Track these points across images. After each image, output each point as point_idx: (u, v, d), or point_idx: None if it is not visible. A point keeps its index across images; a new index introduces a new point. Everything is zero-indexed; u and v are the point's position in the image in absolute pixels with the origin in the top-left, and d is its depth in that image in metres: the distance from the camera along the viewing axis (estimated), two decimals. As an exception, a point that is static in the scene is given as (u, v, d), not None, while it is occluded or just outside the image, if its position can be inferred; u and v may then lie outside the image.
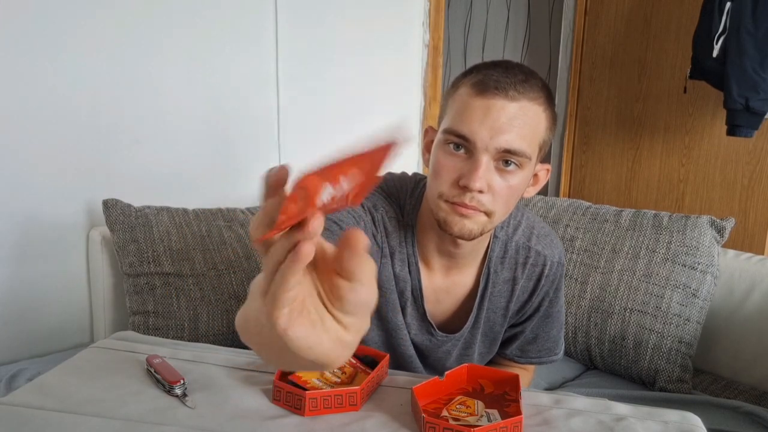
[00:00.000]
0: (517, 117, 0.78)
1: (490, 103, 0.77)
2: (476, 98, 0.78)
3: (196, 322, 1.45)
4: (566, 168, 2.81)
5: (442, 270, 0.94)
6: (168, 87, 1.65)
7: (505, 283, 0.96)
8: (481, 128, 0.77)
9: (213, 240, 1.53)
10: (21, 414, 0.76)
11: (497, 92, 0.77)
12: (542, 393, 0.87)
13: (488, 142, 0.78)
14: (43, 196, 1.48)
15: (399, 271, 0.92)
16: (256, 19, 1.80)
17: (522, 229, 0.97)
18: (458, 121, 0.79)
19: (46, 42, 1.43)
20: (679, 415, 0.80)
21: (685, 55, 2.25)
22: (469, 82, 0.81)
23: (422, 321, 0.96)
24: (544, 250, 0.97)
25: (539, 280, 0.97)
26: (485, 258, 0.95)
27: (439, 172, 0.81)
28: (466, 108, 0.79)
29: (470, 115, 0.78)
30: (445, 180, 0.81)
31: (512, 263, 0.96)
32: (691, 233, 1.45)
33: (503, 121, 0.77)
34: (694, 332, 1.40)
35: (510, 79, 0.78)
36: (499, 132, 0.77)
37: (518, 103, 0.78)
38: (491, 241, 0.95)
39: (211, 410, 0.79)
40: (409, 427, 0.76)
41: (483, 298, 0.96)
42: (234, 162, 1.83)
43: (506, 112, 0.77)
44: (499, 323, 0.99)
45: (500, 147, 0.78)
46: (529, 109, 0.79)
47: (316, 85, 1.96)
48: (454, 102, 0.82)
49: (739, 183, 2.22)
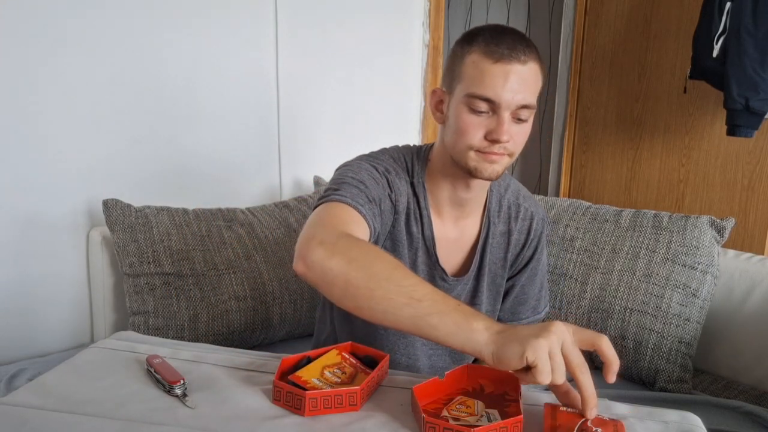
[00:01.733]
0: (528, 77, 0.92)
1: (507, 68, 0.90)
2: (495, 65, 0.90)
3: (196, 322, 1.45)
4: (566, 168, 2.81)
5: (452, 220, 1.07)
6: (168, 86, 1.65)
7: (502, 235, 1.11)
8: (504, 91, 0.90)
9: (213, 240, 1.53)
10: (21, 414, 0.76)
11: (512, 59, 0.90)
12: (542, 393, 0.87)
13: (511, 102, 0.91)
14: (43, 196, 1.48)
15: (411, 227, 1.04)
16: (256, 19, 1.80)
17: (511, 190, 1.13)
18: (481, 86, 0.91)
19: (45, 42, 1.43)
20: (679, 415, 0.80)
21: (685, 55, 2.25)
22: (479, 50, 0.92)
23: (434, 268, 1.07)
24: (531, 207, 1.13)
25: (529, 233, 1.12)
26: (485, 209, 1.10)
27: (467, 129, 0.94)
28: (486, 74, 0.91)
29: (492, 80, 0.90)
30: (474, 135, 0.94)
31: (506, 218, 1.11)
32: (691, 233, 1.45)
33: (520, 83, 0.91)
34: (694, 332, 1.40)
35: (518, 45, 0.91)
36: (517, 92, 0.91)
37: (527, 65, 0.91)
38: (489, 193, 1.09)
39: (211, 410, 0.79)
40: (409, 427, 0.76)
41: (485, 244, 1.09)
42: (234, 162, 1.83)
43: (521, 74, 0.91)
44: (500, 275, 1.13)
45: (519, 104, 0.92)
46: (533, 68, 0.93)
47: (316, 85, 1.96)
48: (468, 68, 0.93)
49: (739, 183, 2.22)
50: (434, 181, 1.05)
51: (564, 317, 1.53)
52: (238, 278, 1.52)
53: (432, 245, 1.06)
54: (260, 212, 1.69)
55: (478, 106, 0.92)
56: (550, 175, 2.96)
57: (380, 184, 0.99)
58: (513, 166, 3.45)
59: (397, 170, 1.03)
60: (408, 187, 1.04)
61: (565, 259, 1.56)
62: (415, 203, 1.04)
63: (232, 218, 1.61)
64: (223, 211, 1.62)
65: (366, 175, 0.97)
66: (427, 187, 1.05)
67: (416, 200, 1.04)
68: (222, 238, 1.55)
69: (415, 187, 1.04)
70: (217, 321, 1.47)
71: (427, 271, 1.07)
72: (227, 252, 1.53)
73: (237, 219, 1.62)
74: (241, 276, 1.52)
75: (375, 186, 0.97)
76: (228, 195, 1.81)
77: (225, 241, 1.55)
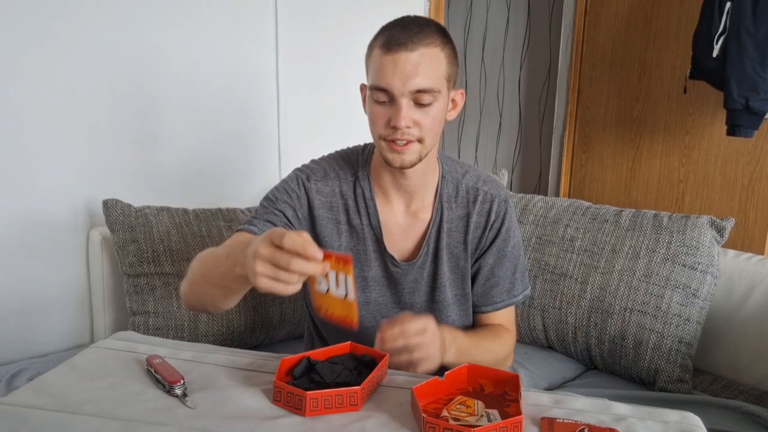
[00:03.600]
0: (419, 63, 0.95)
1: (395, 57, 0.95)
2: (385, 56, 0.96)
3: (196, 322, 1.45)
4: (566, 168, 2.81)
5: (402, 206, 1.12)
6: (168, 87, 1.65)
7: (460, 219, 1.14)
8: (394, 79, 0.95)
9: (213, 240, 1.53)
10: (21, 414, 0.76)
11: (399, 47, 0.95)
12: (542, 393, 0.87)
13: (402, 89, 0.96)
14: (43, 196, 1.48)
15: (353, 220, 1.11)
16: (256, 19, 1.80)
17: (470, 175, 1.16)
18: (377, 78, 0.98)
19: (45, 42, 1.43)
20: (679, 415, 0.80)
21: (685, 55, 2.25)
22: (378, 44, 0.98)
23: (384, 254, 1.11)
24: (491, 190, 1.15)
25: (489, 214, 1.14)
26: (437, 195, 1.14)
27: (374, 119, 1.01)
28: (379, 65, 0.97)
29: (383, 70, 0.96)
30: (379, 124, 1.00)
31: (464, 202, 1.14)
32: (691, 233, 1.45)
33: (409, 69, 0.95)
34: (694, 332, 1.40)
35: (407, 34, 0.96)
36: (408, 78, 0.95)
37: (417, 51, 0.95)
38: (440, 180, 1.13)
39: (211, 410, 0.79)
40: (409, 427, 0.76)
41: (439, 229, 1.12)
42: (234, 162, 1.83)
43: (410, 61, 0.95)
44: (463, 258, 1.15)
45: (413, 89, 0.96)
46: (426, 54, 0.96)
47: (316, 85, 1.96)
48: (371, 62, 1.01)
49: (739, 183, 2.22)
50: (377, 171, 1.11)
51: (564, 317, 1.53)
52: (238, 278, 1.52)
53: (380, 233, 1.11)
54: (260, 212, 1.69)
55: (378, 97, 0.98)
56: (550, 175, 2.96)
57: (292, 195, 1.09)
58: (513, 166, 3.45)
59: (335, 170, 1.12)
60: (351, 183, 1.11)
61: (565, 259, 1.56)
62: (361, 196, 1.11)
63: (232, 218, 1.61)
64: (223, 211, 1.62)
65: (280, 190, 1.10)
66: (373, 179, 1.12)
67: (362, 192, 1.11)
68: (222, 238, 1.55)
69: (360, 181, 1.11)
70: (217, 321, 1.47)
71: (378, 258, 1.12)
72: (227, 252, 1.53)
73: (237, 219, 1.62)
74: (241, 276, 1.52)
75: (283, 197, 1.09)
76: (228, 195, 1.81)
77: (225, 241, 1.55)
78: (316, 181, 1.10)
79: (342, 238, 1.11)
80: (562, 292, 1.54)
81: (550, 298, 1.55)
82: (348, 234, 1.11)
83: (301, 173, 1.12)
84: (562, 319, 1.53)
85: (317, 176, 1.11)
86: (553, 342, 1.58)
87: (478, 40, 3.50)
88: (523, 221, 1.67)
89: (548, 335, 1.58)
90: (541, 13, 3.22)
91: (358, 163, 1.13)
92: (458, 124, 3.65)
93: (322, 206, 1.10)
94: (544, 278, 1.57)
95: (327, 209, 1.10)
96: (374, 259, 1.12)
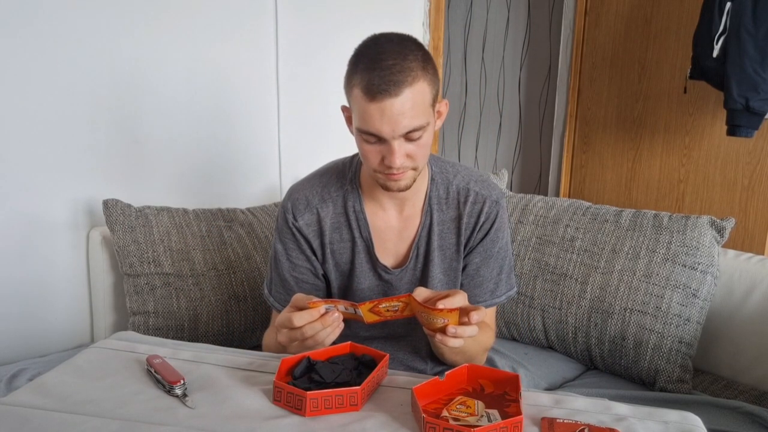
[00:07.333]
0: (405, 105, 0.93)
1: (382, 106, 0.93)
2: (370, 103, 0.93)
3: (196, 322, 1.45)
4: (566, 168, 2.81)
5: (396, 211, 1.13)
6: (168, 87, 1.65)
7: (452, 221, 1.14)
8: (383, 126, 0.94)
9: (213, 240, 1.53)
10: (21, 414, 0.76)
11: (383, 95, 0.92)
12: (542, 393, 0.87)
13: (392, 133, 0.95)
14: (43, 196, 1.48)
15: (347, 237, 1.12)
16: (256, 19, 1.80)
17: (461, 176, 1.16)
18: (364, 123, 0.96)
19: (45, 41, 1.43)
20: (679, 415, 0.80)
21: (685, 55, 2.25)
22: (359, 86, 0.95)
23: (375, 264, 1.13)
24: (482, 191, 1.14)
25: (479, 215, 1.13)
26: (427, 199, 1.14)
27: (367, 156, 1.00)
28: (364, 111, 0.95)
29: (370, 117, 0.94)
30: (373, 161, 1.00)
31: (455, 203, 1.14)
32: (691, 233, 1.45)
33: (397, 115, 0.93)
34: (694, 332, 1.40)
35: (388, 75, 0.92)
36: (397, 123, 0.94)
37: (402, 95, 0.93)
38: (429, 184, 1.13)
39: (211, 410, 0.79)
40: (409, 427, 0.76)
41: (430, 233, 1.13)
42: (234, 162, 1.83)
43: (396, 106, 0.93)
44: (456, 259, 1.15)
45: (403, 131, 0.95)
46: (411, 92, 0.93)
47: (316, 85, 1.96)
48: (354, 102, 0.98)
49: (739, 183, 2.22)
50: (368, 182, 1.11)
51: (564, 317, 1.53)
52: (238, 278, 1.52)
53: (371, 244, 1.12)
54: (260, 212, 1.69)
55: (368, 139, 0.98)
56: (550, 175, 2.96)
57: (298, 258, 1.13)
58: (513, 166, 3.45)
59: (319, 193, 1.12)
60: (340, 200, 1.12)
61: (565, 259, 1.56)
62: (352, 209, 1.12)
63: (232, 218, 1.61)
64: (223, 211, 1.62)
65: (285, 266, 1.13)
66: (363, 190, 1.12)
67: (352, 206, 1.12)
68: (222, 238, 1.55)
69: (349, 195, 1.12)
70: (217, 321, 1.47)
71: (371, 269, 1.14)
72: (227, 252, 1.54)
73: (237, 219, 1.62)
74: (241, 276, 1.52)
75: (294, 269, 1.13)
76: (228, 195, 1.81)
77: (225, 241, 1.55)
78: (300, 216, 1.12)
79: (341, 255, 1.14)
80: (562, 292, 1.54)
81: (550, 298, 1.55)
82: (343, 250, 1.14)
83: (287, 214, 1.13)
84: (562, 319, 1.53)
85: (299, 209, 1.12)
86: (553, 342, 1.58)
87: (478, 40, 3.50)
88: (523, 221, 1.67)
89: (548, 335, 1.58)
90: (541, 13, 3.22)
91: (346, 177, 1.14)
92: (458, 124, 3.65)
93: (315, 236, 1.13)
94: (544, 278, 1.57)
95: (316, 237, 1.13)
96: (367, 270, 1.13)
